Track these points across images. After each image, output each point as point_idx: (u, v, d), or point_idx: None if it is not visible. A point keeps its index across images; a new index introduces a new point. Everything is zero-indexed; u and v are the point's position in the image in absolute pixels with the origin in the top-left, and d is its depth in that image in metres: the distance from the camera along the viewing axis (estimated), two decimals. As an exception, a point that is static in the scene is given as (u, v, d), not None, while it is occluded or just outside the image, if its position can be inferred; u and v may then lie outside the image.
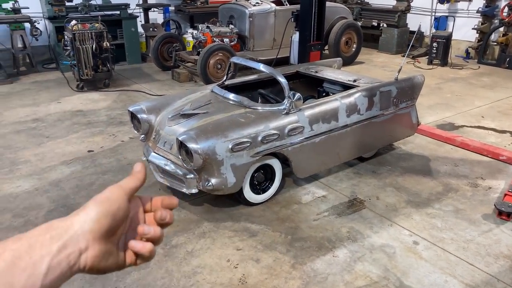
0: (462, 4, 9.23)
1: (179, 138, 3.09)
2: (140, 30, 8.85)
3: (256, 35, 7.61)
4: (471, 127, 5.32)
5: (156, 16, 9.67)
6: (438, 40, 8.36)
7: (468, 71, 8.13)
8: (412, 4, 9.54)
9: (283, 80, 3.56)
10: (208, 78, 6.70)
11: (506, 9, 8.14)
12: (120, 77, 7.57)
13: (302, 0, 6.60)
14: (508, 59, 8.27)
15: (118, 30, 8.32)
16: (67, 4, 7.76)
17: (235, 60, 4.18)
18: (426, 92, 6.33)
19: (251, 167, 3.31)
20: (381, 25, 10.11)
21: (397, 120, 4.18)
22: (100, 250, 0.60)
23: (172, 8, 9.72)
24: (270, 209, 3.50)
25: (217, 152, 3.07)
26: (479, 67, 8.41)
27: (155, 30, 8.66)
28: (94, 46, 6.44)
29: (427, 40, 9.56)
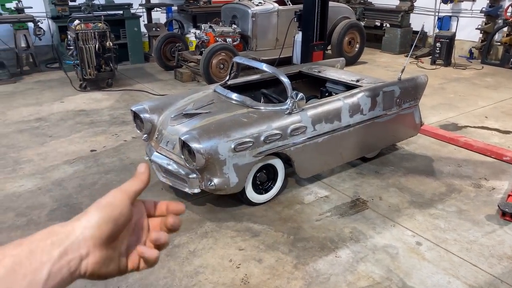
0: (465, 4, 9.20)
1: (182, 138, 3.09)
2: (143, 30, 8.86)
3: (259, 35, 7.61)
4: (474, 127, 5.30)
5: (159, 16, 9.69)
6: (441, 40, 8.34)
7: (471, 71, 8.10)
8: (415, 4, 9.52)
9: (286, 80, 3.55)
10: (211, 78, 6.70)
11: (510, 9, 8.11)
12: (123, 76, 7.58)
13: (305, 0, 6.59)
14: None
15: (121, 29, 8.33)
16: (70, 4, 7.78)
17: (237, 60, 4.18)
18: (429, 92, 6.31)
19: (253, 167, 3.31)
20: (384, 25, 10.09)
21: (400, 120, 4.17)
22: (101, 256, 0.59)
23: (175, 8, 9.73)
24: (272, 209, 3.49)
25: (219, 152, 3.06)
26: (482, 67, 8.38)
27: (158, 30, 8.66)
28: (97, 46, 6.45)
29: (431, 40, 9.53)
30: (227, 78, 4.23)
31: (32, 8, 7.61)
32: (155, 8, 9.30)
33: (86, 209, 0.61)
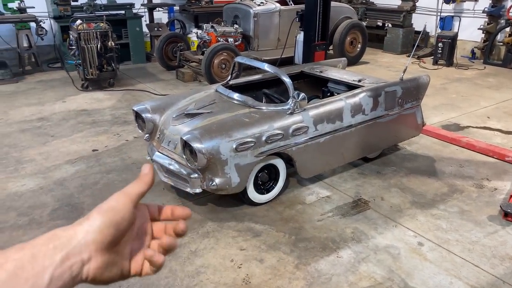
0: (468, 4, 9.18)
1: (184, 138, 3.09)
2: (145, 29, 8.87)
3: (261, 35, 7.61)
4: (476, 127, 5.29)
5: (161, 16, 9.69)
6: (443, 40, 8.32)
7: (473, 72, 8.09)
8: (417, 4, 9.50)
9: (287, 80, 3.55)
10: (213, 77, 6.70)
11: (513, 9, 8.10)
12: (124, 76, 7.59)
13: (307, 0, 6.58)
14: (514, 60, 8.22)
15: (123, 29, 8.34)
16: (73, 3, 7.79)
17: (239, 59, 4.18)
18: (431, 93, 6.30)
19: (255, 167, 3.31)
20: (386, 25, 10.08)
21: (402, 120, 4.16)
22: (103, 261, 0.59)
23: (176, 7, 9.73)
24: (274, 209, 3.49)
25: (221, 152, 3.06)
26: (484, 67, 8.36)
27: (160, 29, 8.67)
28: (99, 46, 6.46)
29: (433, 40, 9.52)
30: (229, 78, 4.23)
31: (34, 8, 7.62)
32: (157, 8, 9.31)
33: (88, 213, 0.61)
